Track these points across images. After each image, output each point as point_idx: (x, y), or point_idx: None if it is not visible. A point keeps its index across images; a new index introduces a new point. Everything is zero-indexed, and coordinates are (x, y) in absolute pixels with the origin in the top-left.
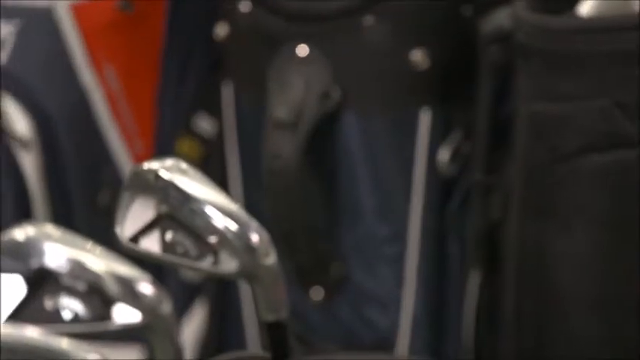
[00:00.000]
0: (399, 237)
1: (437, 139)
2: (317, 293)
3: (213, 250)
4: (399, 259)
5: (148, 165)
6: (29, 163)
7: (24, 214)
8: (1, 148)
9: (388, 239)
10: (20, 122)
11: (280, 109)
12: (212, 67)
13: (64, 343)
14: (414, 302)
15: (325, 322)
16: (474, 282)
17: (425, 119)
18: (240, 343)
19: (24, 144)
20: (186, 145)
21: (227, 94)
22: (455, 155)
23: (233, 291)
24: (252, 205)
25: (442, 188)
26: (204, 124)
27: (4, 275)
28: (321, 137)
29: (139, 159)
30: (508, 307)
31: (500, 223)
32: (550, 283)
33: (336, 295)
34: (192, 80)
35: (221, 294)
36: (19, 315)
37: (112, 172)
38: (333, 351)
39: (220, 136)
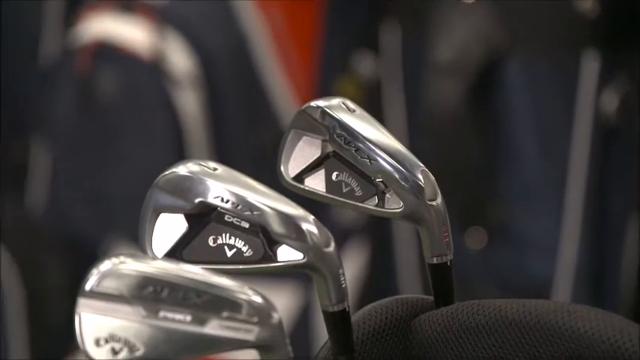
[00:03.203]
0: (561, 183)
1: (601, 86)
2: (475, 238)
3: (380, 191)
4: (560, 206)
5: (314, 103)
6: (190, 102)
7: (181, 155)
8: (160, 87)
9: (549, 185)
10: (183, 60)
11: (445, 53)
12: (374, 9)
13: (226, 282)
14: (575, 251)
15: (482, 267)
16: (635, 234)
17: (589, 65)
18: (393, 286)
19: (185, 82)
20: (346, 85)
21: (391, 36)
22: (620, 103)
23: (387, 234)
24: (414, 147)
25: (606, 135)
26: (365, 66)
27: (166, 212)
28: (485, 81)
29: (301, 98)
30: None
31: None
32: None
33: (494, 240)
34: (354, 21)
35: (379, 237)
36: (180, 252)
37: (272, 110)
38: (494, 296)
39: (380, 77)
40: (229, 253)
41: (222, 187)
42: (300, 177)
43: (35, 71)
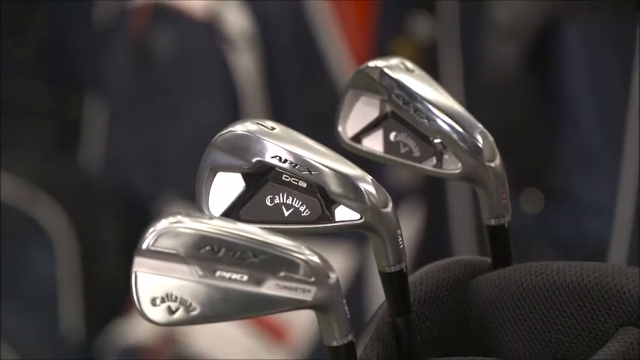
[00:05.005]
0: (617, 146)
1: None
2: (531, 201)
3: (438, 151)
4: (616, 169)
5: (373, 63)
6: (246, 62)
7: (237, 115)
8: (216, 48)
9: (605, 148)
10: (239, 20)
11: (503, 14)
12: None
13: (283, 241)
14: (631, 213)
15: (538, 229)
16: None
17: None
18: (448, 248)
19: (241, 42)
20: (402, 46)
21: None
22: None
23: (442, 196)
24: (470, 108)
25: None
26: (422, 27)
27: (223, 171)
28: (542, 44)
29: (358, 59)
30: None
31: None
32: None
33: (550, 203)
34: None
35: (434, 199)
36: (237, 211)
37: (328, 71)
38: (550, 259)
39: (436, 39)
40: (286, 213)
41: (280, 146)
42: (357, 137)
43: (92, 31)
